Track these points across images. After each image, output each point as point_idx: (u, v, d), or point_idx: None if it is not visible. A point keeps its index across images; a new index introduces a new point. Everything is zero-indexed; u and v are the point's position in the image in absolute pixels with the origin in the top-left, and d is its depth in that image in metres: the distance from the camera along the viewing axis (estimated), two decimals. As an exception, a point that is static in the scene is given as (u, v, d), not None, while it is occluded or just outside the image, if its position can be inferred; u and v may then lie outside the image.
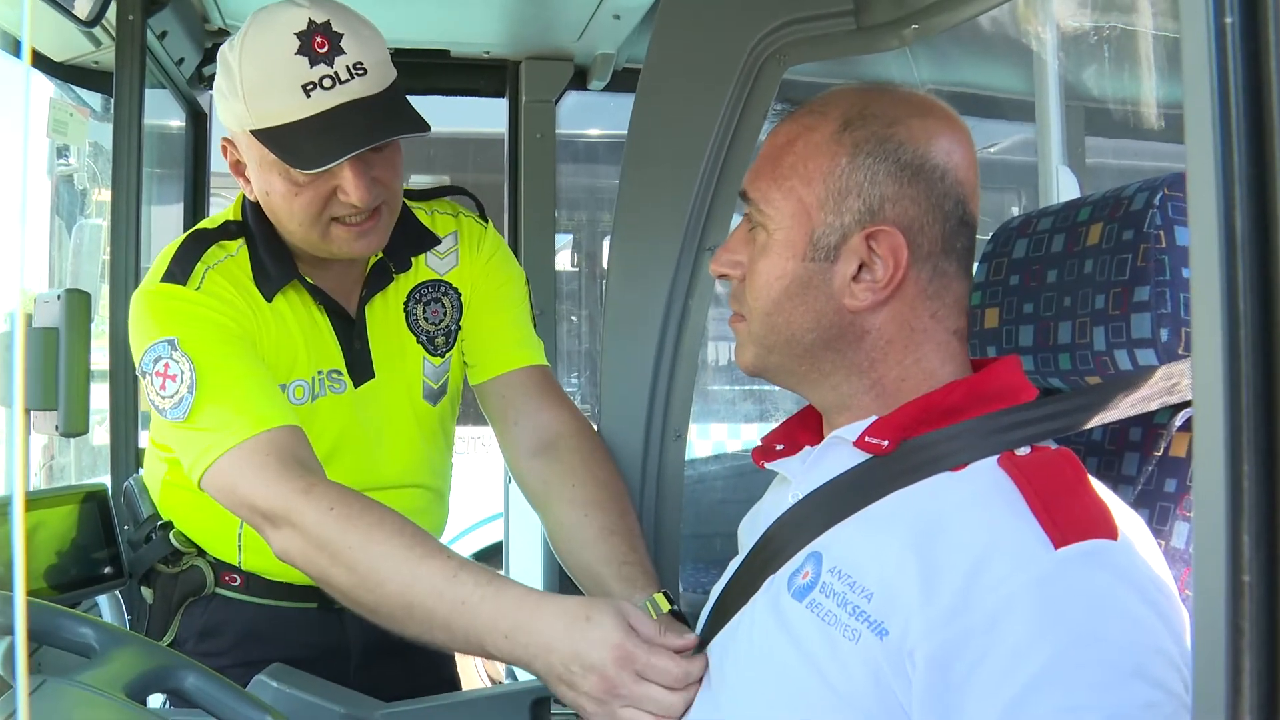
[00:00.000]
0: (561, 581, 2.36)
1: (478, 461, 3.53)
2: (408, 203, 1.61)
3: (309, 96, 1.34)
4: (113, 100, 2.30)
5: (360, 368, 1.57)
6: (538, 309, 2.81)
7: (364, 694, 1.56)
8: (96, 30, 2.40)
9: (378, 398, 1.59)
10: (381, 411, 1.60)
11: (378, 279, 1.57)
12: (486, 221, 1.68)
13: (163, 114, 2.98)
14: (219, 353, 1.40)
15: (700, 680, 1.10)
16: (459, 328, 1.63)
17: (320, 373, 1.54)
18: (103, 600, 1.88)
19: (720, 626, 1.11)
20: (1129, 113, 3.80)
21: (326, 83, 1.34)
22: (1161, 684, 0.83)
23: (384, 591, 1.25)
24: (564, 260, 5.15)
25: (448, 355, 1.63)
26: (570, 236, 5.17)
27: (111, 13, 2.20)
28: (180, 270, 1.46)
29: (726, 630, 1.10)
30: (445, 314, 1.62)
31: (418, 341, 1.61)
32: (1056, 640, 0.83)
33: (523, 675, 2.65)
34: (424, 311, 1.60)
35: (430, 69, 2.85)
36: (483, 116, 3.28)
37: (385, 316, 1.60)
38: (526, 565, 2.60)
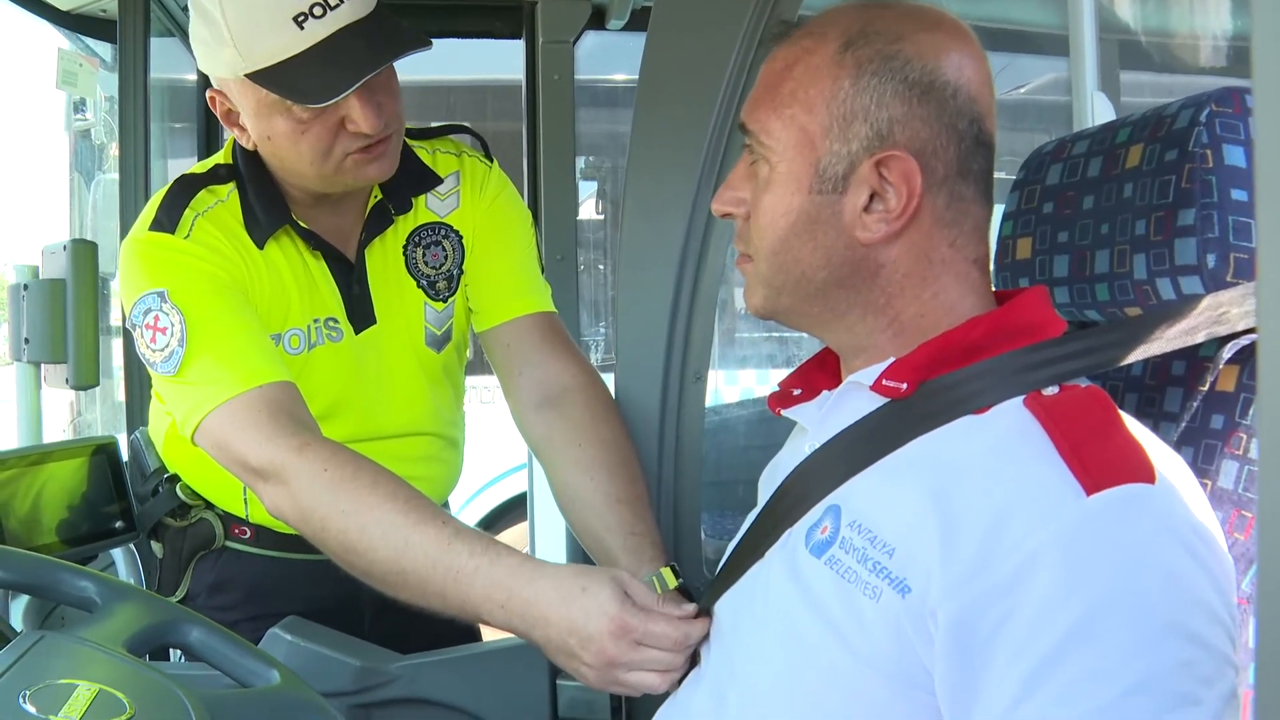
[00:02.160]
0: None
1: (502, 411, 3.49)
2: (409, 141, 1.56)
3: (302, 28, 1.28)
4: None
5: (361, 313, 1.53)
6: (559, 254, 2.82)
7: (380, 643, 1.56)
8: (103, -23, 2.36)
9: (379, 344, 1.55)
10: (383, 358, 1.56)
11: (377, 221, 1.52)
12: (491, 160, 1.63)
13: (176, 67, 2.93)
14: (210, 305, 1.36)
15: (703, 640, 1.09)
16: (461, 272, 1.58)
17: (316, 321, 1.50)
18: (118, 555, 1.86)
19: (733, 583, 1.06)
20: (1166, 45, 3.69)
21: (317, 11, 1.28)
22: (1199, 639, 0.77)
23: (375, 557, 1.22)
24: (589, 209, 5.09)
25: (450, 301, 1.59)
26: (595, 184, 5.10)
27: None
28: (168, 218, 1.42)
29: (741, 587, 1.05)
30: (446, 258, 1.57)
31: (418, 286, 1.57)
32: (1087, 597, 0.77)
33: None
34: (424, 255, 1.56)
35: (444, 11, 2.81)
36: (501, 63, 3.23)
37: (385, 260, 1.55)
38: (550, 517, 2.57)
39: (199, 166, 1.52)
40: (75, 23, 2.67)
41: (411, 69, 1.42)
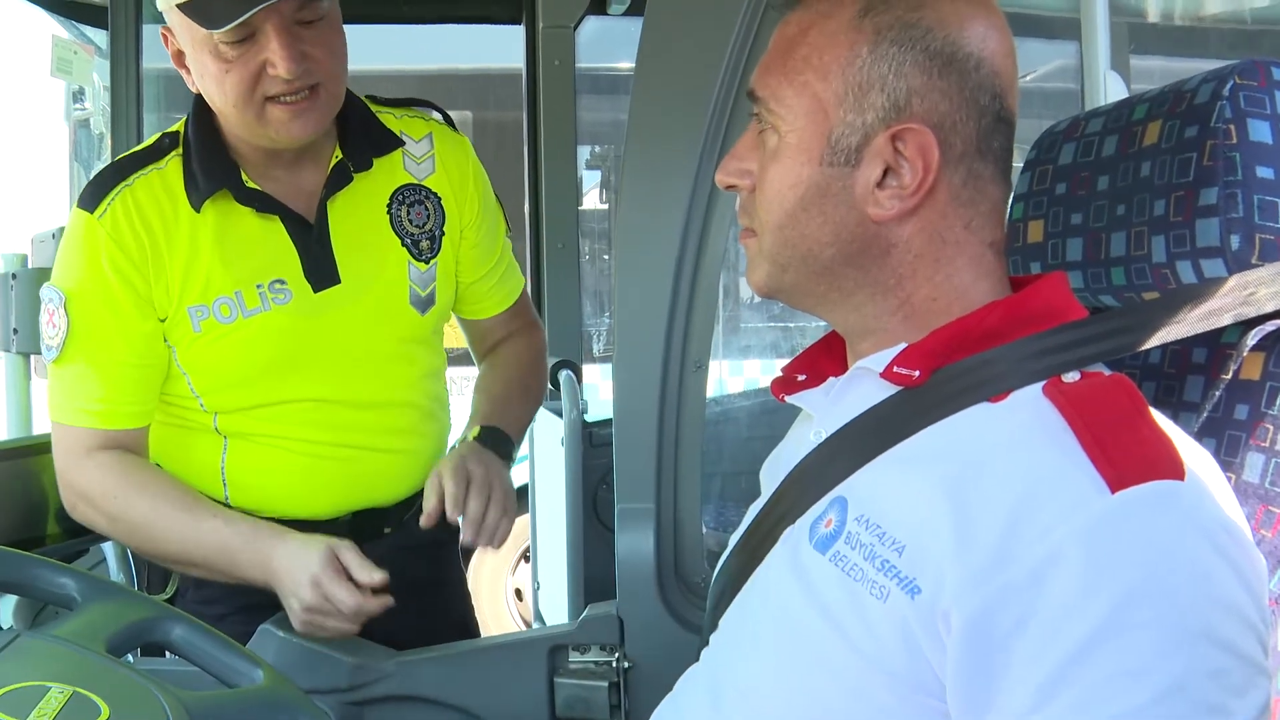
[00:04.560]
0: (585, 519, 2.32)
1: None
2: (374, 107, 1.61)
3: None
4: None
5: (321, 272, 1.53)
6: (560, 243, 2.79)
7: (373, 634, 1.56)
8: (95, -39, 2.32)
9: (342, 303, 1.54)
10: (351, 319, 1.55)
11: (338, 179, 1.54)
12: (458, 133, 1.69)
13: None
14: (97, 330, 1.47)
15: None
16: (442, 233, 1.61)
17: (261, 286, 1.50)
18: (108, 549, 1.83)
19: (735, 581, 1.01)
20: (1178, 28, 3.64)
21: None
22: (1232, 646, 0.73)
23: (169, 550, 1.50)
24: (593, 198, 5.06)
25: (433, 262, 1.61)
26: (599, 173, 5.07)
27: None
28: (92, 197, 1.48)
29: (743, 586, 1.01)
30: (429, 216, 1.61)
31: (402, 244, 1.58)
32: (1112, 596, 0.73)
33: (551, 621, 2.62)
34: (408, 214, 1.59)
35: (443, -4, 2.77)
36: (502, 51, 3.21)
37: (359, 219, 1.56)
38: (552, 506, 2.54)
39: (146, 141, 1.57)
40: (69, 9, 2.64)
41: (411, 59, 1.44)
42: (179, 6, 1.35)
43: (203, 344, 1.49)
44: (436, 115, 1.69)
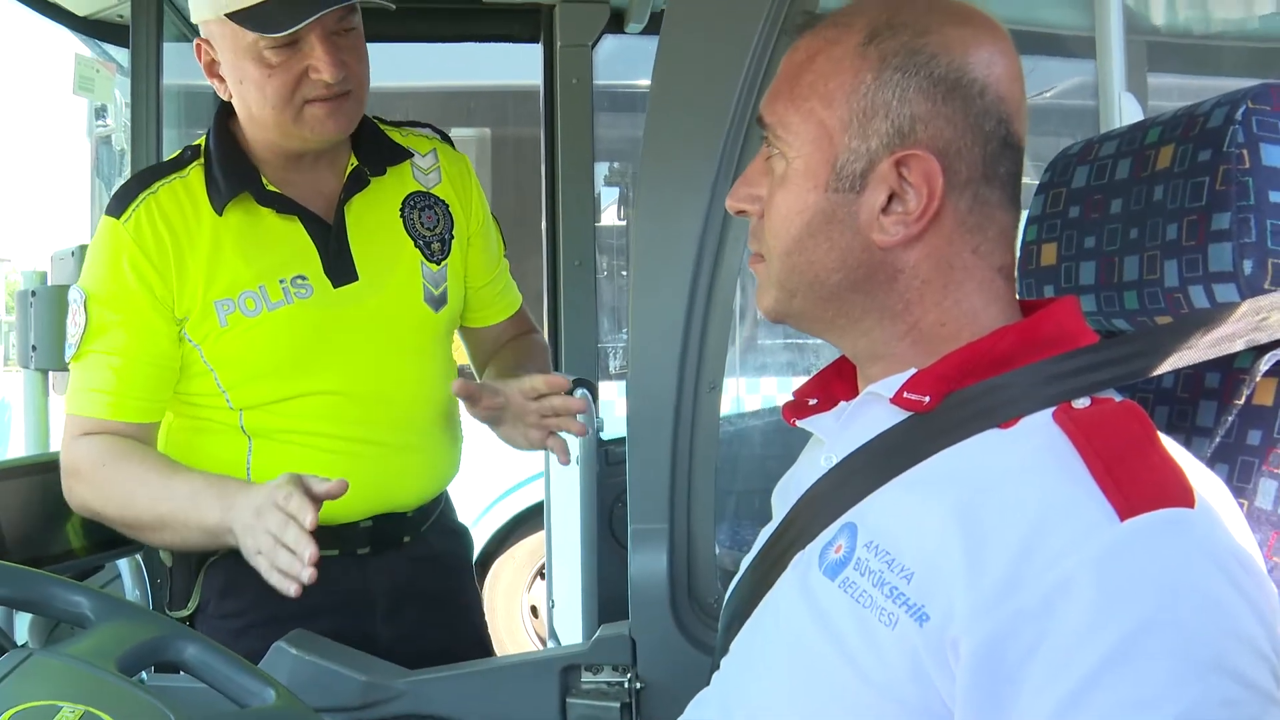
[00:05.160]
0: (600, 538, 2.32)
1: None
2: (380, 125, 1.72)
3: None
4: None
5: (340, 269, 1.61)
6: (576, 260, 2.80)
7: (391, 648, 1.59)
8: (117, -19, 2.34)
9: (362, 298, 1.61)
10: (370, 312, 1.62)
11: (355, 183, 1.64)
12: (458, 151, 1.81)
13: (193, 72, 2.92)
14: (112, 326, 1.54)
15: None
16: (452, 237, 1.71)
17: (283, 281, 1.58)
18: (124, 566, 1.84)
19: (747, 605, 1.01)
20: (1195, 47, 3.62)
21: None
22: (1244, 677, 0.72)
23: (144, 513, 1.52)
24: (611, 215, 5.07)
25: (444, 263, 1.70)
26: (617, 189, 5.08)
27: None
28: (119, 203, 1.56)
29: (754, 610, 1.01)
30: (439, 221, 1.71)
31: (415, 245, 1.68)
32: (1123, 625, 0.72)
33: (565, 639, 2.62)
34: (420, 217, 1.69)
35: (463, 15, 2.80)
36: (520, 68, 3.22)
37: (375, 221, 1.65)
38: (567, 524, 2.54)
39: (169, 156, 1.67)
40: (91, 28, 2.67)
41: (431, 75, 1.50)
42: (229, 15, 1.45)
43: (229, 338, 1.56)
44: (436, 135, 1.79)
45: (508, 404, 1.60)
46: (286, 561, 1.34)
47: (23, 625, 1.69)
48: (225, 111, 1.61)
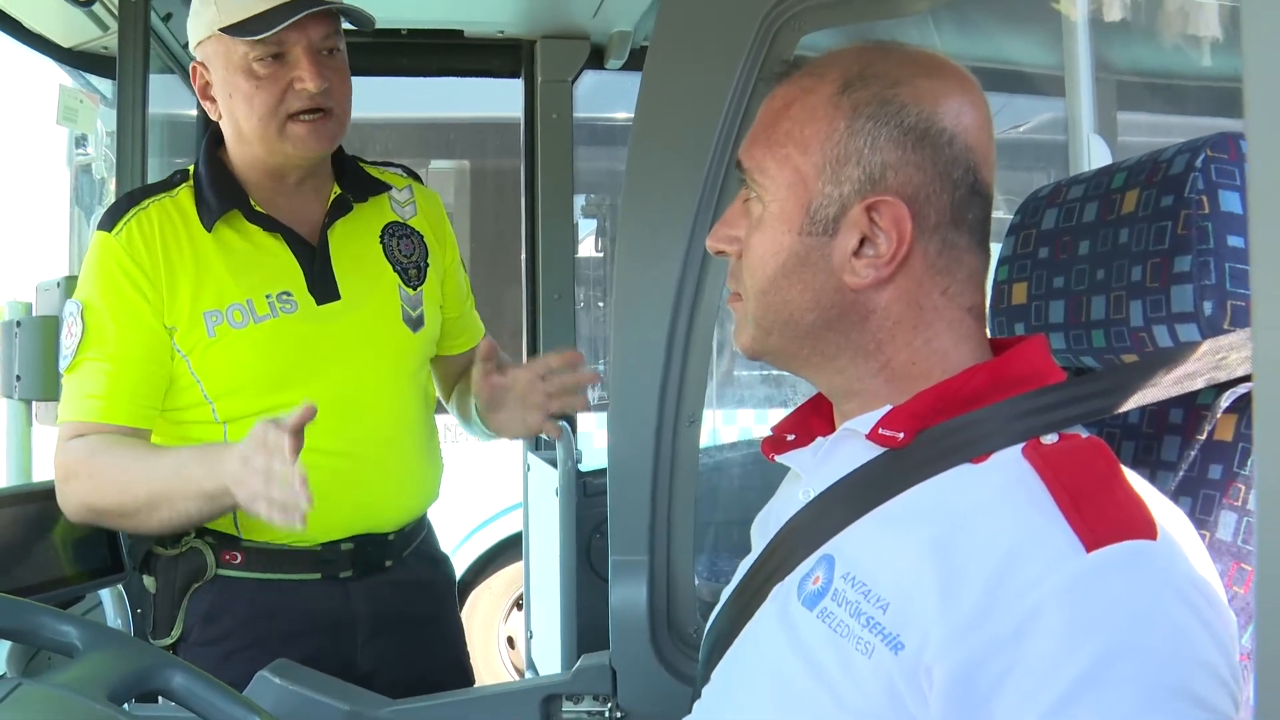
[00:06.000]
0: (579, 568, 2.33)
1: (496, 452, 3.47)
2: (359, 162, 1.81)
3: None
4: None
5: (323, 288, 1.68)
6: (556, 294, 2.82)
7: (372, 673, 1.60)
8: (103, 14, 2.36)
9: (343, 316, 1.68)
10: (352, 330, 1.68)
11: (338, 209, 1.72)
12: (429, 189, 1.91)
13: (175, 103, 2.94)
14: (107, 332, 1.59)
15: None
16: (427, 265, 1.79)
17: (270, 296, 1.64)
18: (106, 596, 1.84)
19: (727, 636, 1.03)
20: (1165, 86, 3.69)
21: None
22: (1205, 702, 0.75)
23: (136, 493, 1.55)
24: (588, 246, 5.09)
25: (420, 289, 1.77)
26: (595, 222, 5.11)
27: (114, -6, 2.17)
28: (110, 218, 1.63)
29: (734, 641, 1.03)
30: (415, 250, 1.79)
31: (394, 270, 1.76)
32: (1090, 652, 0.75)
33: (543, 669, 2.62)
34: (398, 245, 1.78)
35: (444, 49, 2.81)
36: (501, 100, 3.24)
37: (356, 246, 1.73)
38: (545, 554, 2.55)
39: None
40: (77, 60, 2.68)
41: (411, 106, 1.55)
42: (222, 30, 1.55)
43: (217, 349, 1.61)
44: (409, 175, 1.89)
45: (514, 386, 1.66)
46: (282, 494, 1.36)
47: (0, 654, 1.69)
48: (213, 141, 1.67)
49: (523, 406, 1.67)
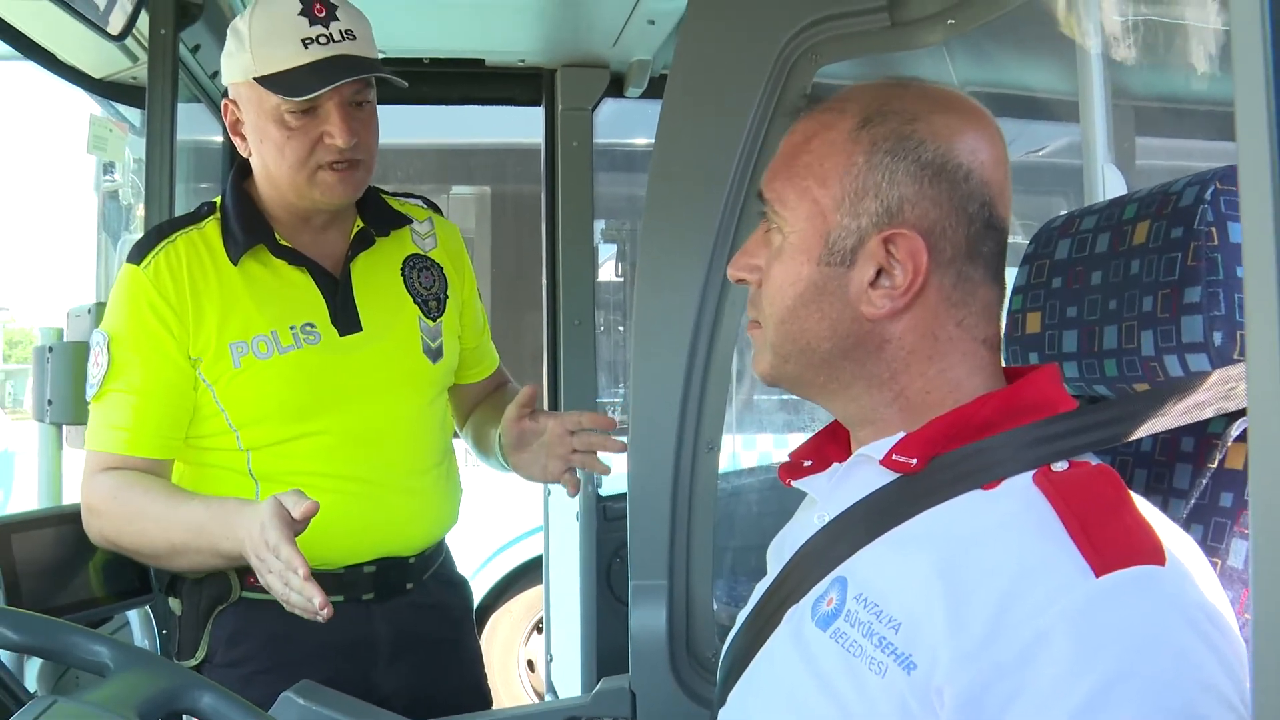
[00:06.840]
0: (599, 590, 2.35)
1: (517, 476, 3.48)
2: (382, 194, 1.84)
3: (306, 48, 1.56)
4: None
5: (345, 320, 1.71)
6: (576, 319, 2.84)
7: (392, 694, 1.62)
8: (132, 46, 2.41)
9: (365, 347, 1.71)
10: (372, 359, 1.71)
11: (361, 243, 1.75)
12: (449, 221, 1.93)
13: (202, 130, 2.98)
14: (132, 364, 1.62)
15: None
16: (447, 296, 1.82)
17: (294, 327, 1.67)
18: (133, 616, 1.87)
19: (743, 658, 1.05)
20: (1183, 112, 3.70)
21: (322, 40, 1.57)
22: None
23: (156, 541, 1.58)
24: (608, 270, 5.12)
25: (440, 320, 1.80)
26: (614, 247, 5.13)
27: (145, 26, 2.21)
28: (139, 251, 1.66)
29: (750, 663, 1.05)
30: (435, 282, 1.82)
31: (414, 302, 1.78)
32: (1096, 676, 0.77)
33: (563, 692, 2.63)
34: (419, 277, 1.81)
35: (465, 78, 2.84)
36: (522, 127, 3.27)
37: (378, 279, 1.76)
38: (566, 578, 2.56)
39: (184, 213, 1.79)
40: (107, 90, 2.72)
41: (432, 132, 1.55)
42: (257, 79, 1.57)
43: (242, 379, 1.63)
44: (429, 206, 1.91)
45: (542, 432, 1.68)
46: (300, 603, 1.40)
47: (30, 672, 1.72)
48: (240, 174, 1.71)
49: (546, 454, 1.68)
